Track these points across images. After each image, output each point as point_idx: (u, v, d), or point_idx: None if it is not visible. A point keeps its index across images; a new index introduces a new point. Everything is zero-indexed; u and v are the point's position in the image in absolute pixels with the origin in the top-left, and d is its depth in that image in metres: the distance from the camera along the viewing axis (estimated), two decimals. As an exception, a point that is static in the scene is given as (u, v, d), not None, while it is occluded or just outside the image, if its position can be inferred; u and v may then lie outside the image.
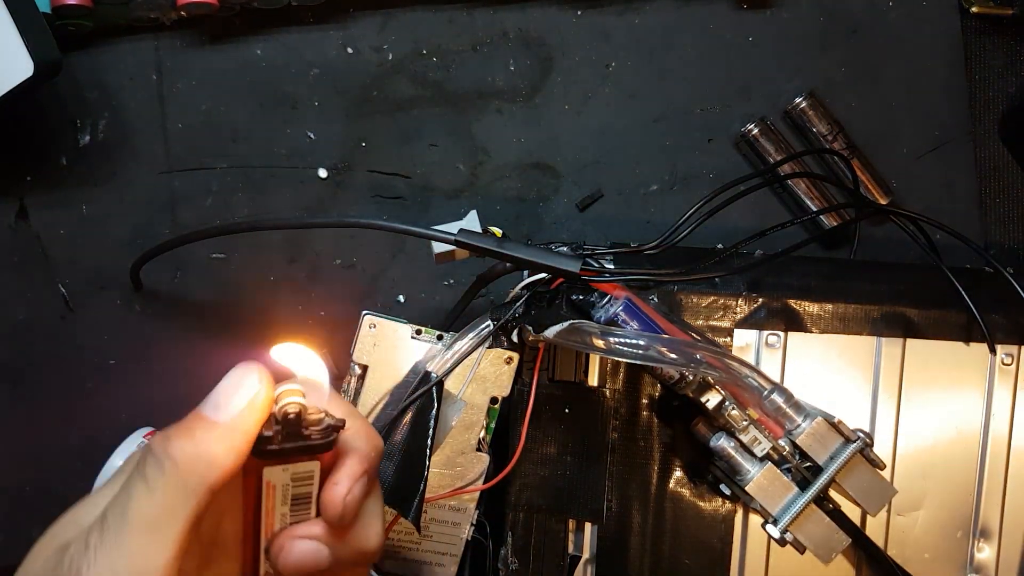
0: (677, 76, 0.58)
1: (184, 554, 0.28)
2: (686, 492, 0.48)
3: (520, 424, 0.46)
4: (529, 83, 0.58)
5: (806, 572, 0.47)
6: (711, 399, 0.43)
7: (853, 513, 0.45)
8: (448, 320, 0.51)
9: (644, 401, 0.48)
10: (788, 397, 0.41)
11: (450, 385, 0.47)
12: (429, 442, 0.44)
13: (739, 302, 0.48)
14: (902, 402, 0.48)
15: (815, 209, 0.57)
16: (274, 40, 0.57)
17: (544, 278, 0.45)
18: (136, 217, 0.56)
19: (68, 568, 0.29)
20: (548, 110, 0.58)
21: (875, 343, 0.48)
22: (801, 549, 0.42)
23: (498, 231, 0.45)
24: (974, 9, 0.58)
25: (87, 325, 0.56)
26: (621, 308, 0.43)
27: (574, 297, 0.45)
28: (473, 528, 0.48)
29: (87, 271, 0.56)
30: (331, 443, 0.31)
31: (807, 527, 0.42)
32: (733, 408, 0.43)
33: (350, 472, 0.32)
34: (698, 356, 0.40)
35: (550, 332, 0.42)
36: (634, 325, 0.43)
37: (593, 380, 0.47)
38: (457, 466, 0.47)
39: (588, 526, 0.48)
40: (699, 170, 0.58)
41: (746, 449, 0.43)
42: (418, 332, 0.47)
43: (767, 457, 0.42)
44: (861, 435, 0.42)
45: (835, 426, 0.42)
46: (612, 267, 0.46)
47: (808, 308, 0.48)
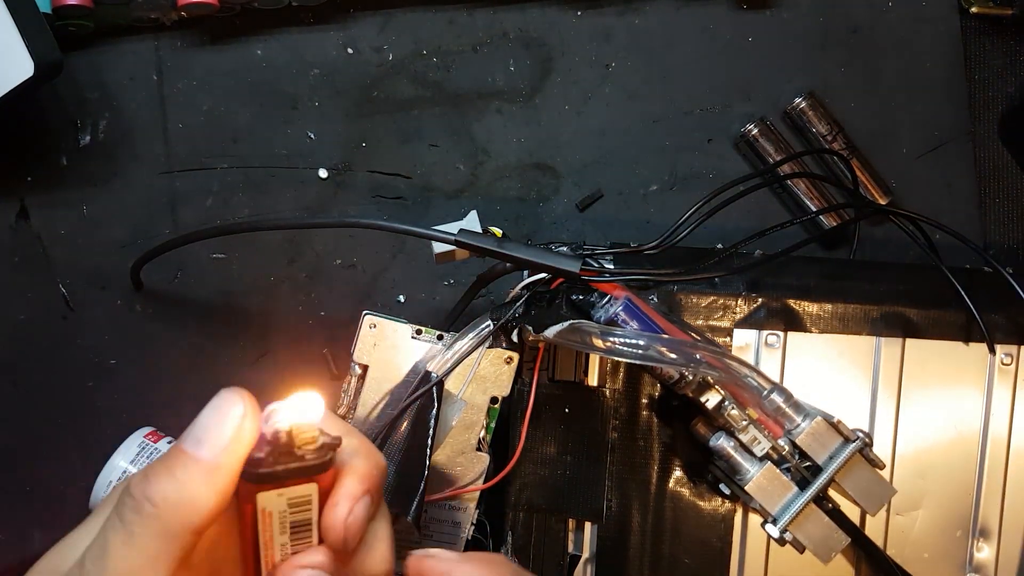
0: (677, 76, 0.58)
1: None
2: (686, 492, 0.48)
3: (520, 424, 0.46)
4: (529, 83, 0.58)
5: (805, 572, 0.47)
6: (711, 399, 0.43)
7: (852, 513, 0.45)
8: (448, 320, 0.51)
9: (644, 401, 0.48)
10: (787, 397, 0.41)
11: (450, 385, 0.47)
12: (429, 442, 0.44)
13: (739, 302, 0.48)
14: (901, 402, 0.48)
15: (815, 209, 0.57)
16: (274, 40, 0.57)
17: (544, 278, 0.45)
18: (136, 217, 0.56)
19: None
20: (548, 110, 0.58)
21: (875, 343, 0.48)
22: (800, 549, 0.42)
23: (498, 231, 0.45)
24: (974, 9, 0.58)
25: (87, 325, 0.56)
26: (621, 308, 0.43)
27: (574, 297, 0.45)
28: (473, 528, 0.48)
29: (87, 271, 0.56)
30: (327, 463, 0.29)
31: (806, 527, 0.42)
32: (733, 408, 0.43)
33: (350, 492, 0.30)
34: (698, 356, 0.40)
35: (550, 332, 0.42)
36: (634, 325, 0.43)
37: (593, 380, 0.47)
38: (457, 466, 0.47)
39: (588, 526, 0.48)
40: (699, 170, 0.58)
41: (746, 449, 0.43)
42: (418, 332, 0.47)
43: (767, 457, 0.42)
44: (860, 435, 0.42)
45: (834, 426, 0.42)
46: (612, 267, 0.46)
47: (808, 308, 0.48)
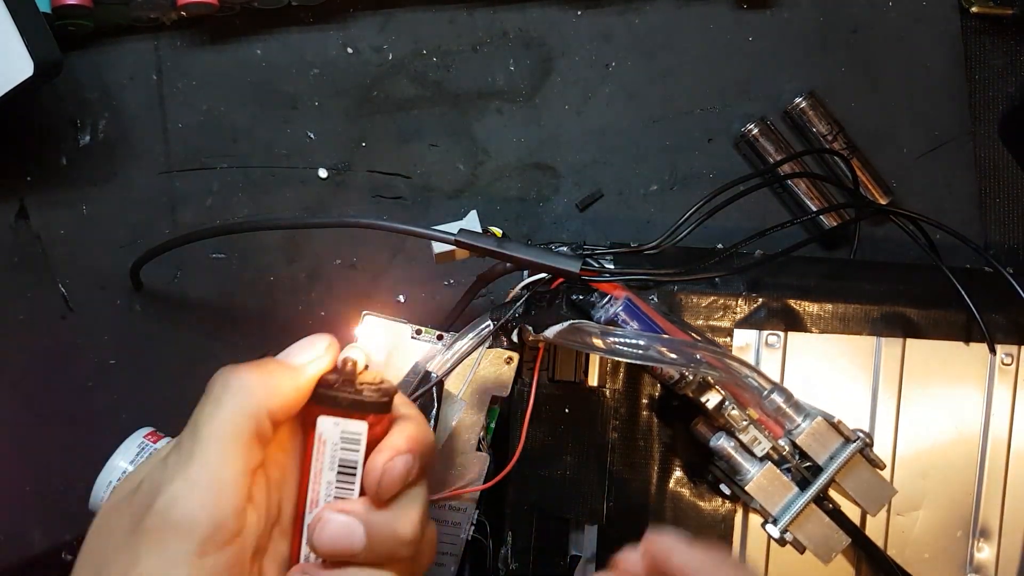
0: (677, 76, 0.58)
1: (253, 476, 0.31)
2: (686, 492, 0.48)
3: (520, 424, 0.46)
4: (529, 83, 0.58)
5: (806, 572, 0.47)
6: (711, 399, 0.43)
7: (853, 513, 0.45)
8: (448, 320, 0.51)
9: (644, 401, 0.48)
10: (788, 397, 0.41)
11: (450, 385, 0.47)
12: (429, 442, 0.44)
13: (739, 302, 0.48)
14: (902, 402, 0.48)
15: (815, 209, 0.57)
16: (274, 40, 0.57)
17: (544, 278, 0.45)
18: (136, 217, 0.56)
19: (147, 490, 0.31)
20: (548, 110, 0.58)
21: (875, 343, 0.48)
22: (801, 549, 0.42)
23: (498, 231, 0.45)
24: (974, 9, 0.58)
25: (87, 325, 0.56)
26: (621, 308, 0.43)
27: (574, 297, 0.45)
28: (473, 528, 0.48)
29: (87, 271, 0.56)
30: (381, 405, 0.33)
31: (807, 527, 0.42)
32: (733, 408, 0.43)
33: (394, 444, 0.33)
34: (698, 356, 0.40)
35: (550, 332, 0.42)
36: (634, 325, 0.43)
37: (593, 380, 0.47)
38: (457, 466, 0.47)
39: (588, 526, 0.48)
40: (699, 170, 0.58)
41: (746, 449, 0.43)
42: (418, 332, 0.47)
43: (767, 457, 0.42)
44: (861, 435, 0.42)
45: (835, 426, 0.42)
46: (612, 267, 0.46)
47: (808, 308, 0.48)
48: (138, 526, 0.30)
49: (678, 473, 0.48)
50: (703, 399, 0.43)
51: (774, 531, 0.42)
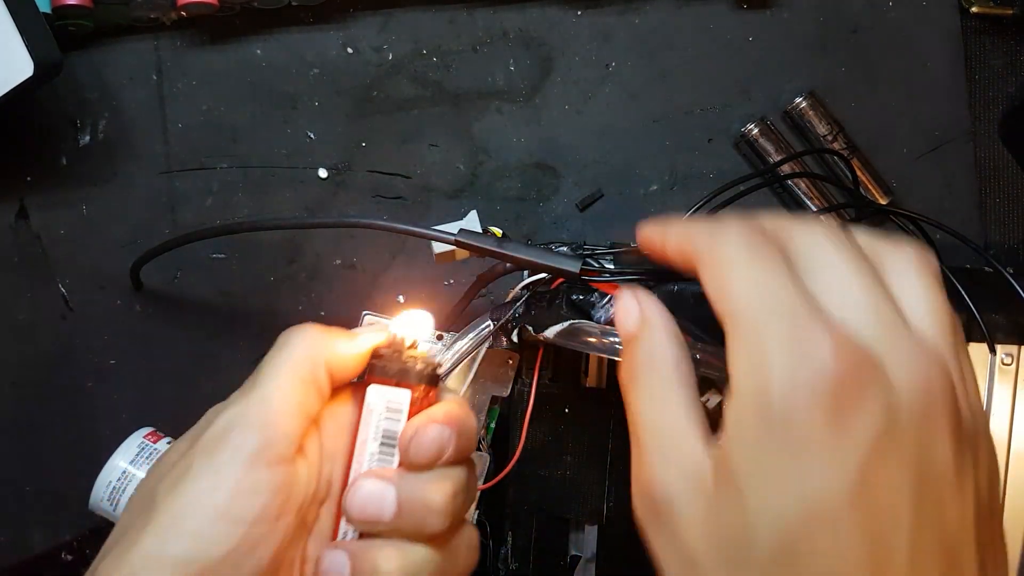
0: (677, 76, 0.58)
1: (308, 425, 0.34)
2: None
3: (520, 424, 0.46)
4: (529, 83, 0.58)
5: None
6: (711, 399, 0.43)
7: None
8: (448, 320, 0.51)
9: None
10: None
11: (450, 385, 0.47)
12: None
13: (739, 302, 0.47)
14: (902, 402, 0.48)
15: (815, 209, 0.57)
16: (274, 40, 0.57)
17: (544, 278, 0.45)
18: (136, 217, 0.56)
19: (206, 420, 0.33)
20: (548, 110, 0.58)
21: (875, 343, 0.48)
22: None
23: (498, 231, 0.45)
24: (974, 9, 0.58)
25: (87, 325, 0.56)
26: (621, 308, 0.42)
27: (574, 297, 0.45)
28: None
29: (87, 271, 0.56)
30: (426, 375, 0.35)
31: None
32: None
33: (431, 413, 0.35)
34: (697, 356, 0.40)
35: (550, 332, 0.42)
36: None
37: (593, 380, 0.47)
38: (457, 466, 0.47)
39: (588, 526, 0.48)
40: (699, 170, 0.58)
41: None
42: (418, 332, 0.47)
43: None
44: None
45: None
46: (612, 267, 0.46)
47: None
48: (194, 445, 0.32)
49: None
50: (703, 399, 0.43)
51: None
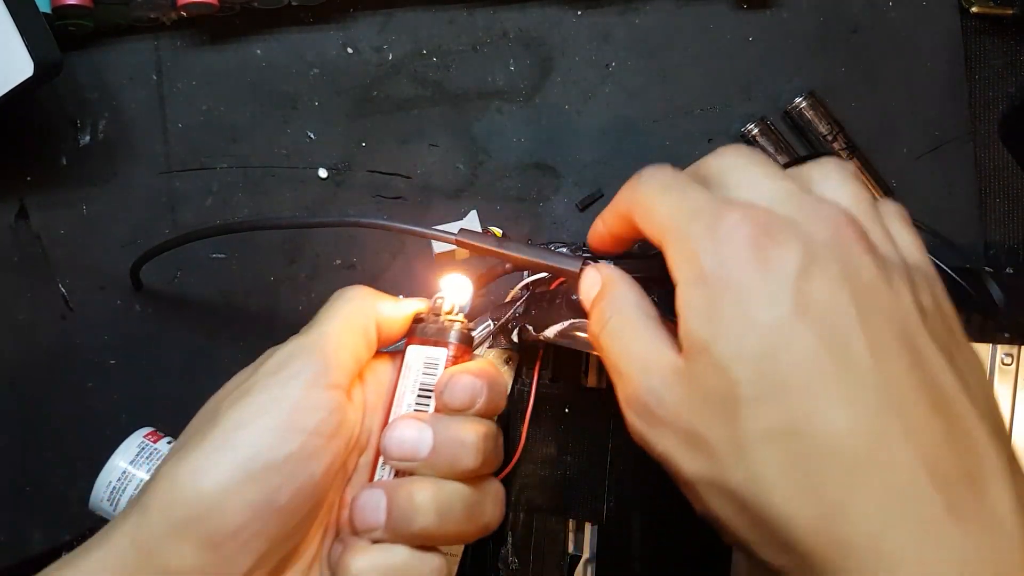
0: (677, 76, 0.58)
1: (357, 371, 0.37)
2: (686, 492, 0.48)
3: (520, 424, 0.46)
4: (529, 83, 0.58)
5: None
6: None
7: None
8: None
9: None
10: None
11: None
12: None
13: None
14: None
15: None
16: (274, 40, 0.57)
17: (544, 278, 0.45)
18: (136, 217, 0.56)
19: (274, 352, 0.36)
20: (548, 110, 0.58)
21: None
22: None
23: (498, 231, 0.45)
24: (974, 9, 0.58)
25: (87, 325, 0.56)
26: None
27: (574, 297, 0.45)
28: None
29: (87, 271, 0.56)
30: (462, 335, 0.38)
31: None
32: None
33: (465, 366, 0.38)
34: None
35: (550, 332, 0.42)
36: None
37: (593, 380, 0.47)
38: (457, 466, 0.47)
39: (588, 526, 0.48)
40: (699, 170, 0.58)
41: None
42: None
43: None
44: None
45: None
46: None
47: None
48: (256, 371, 0.35)
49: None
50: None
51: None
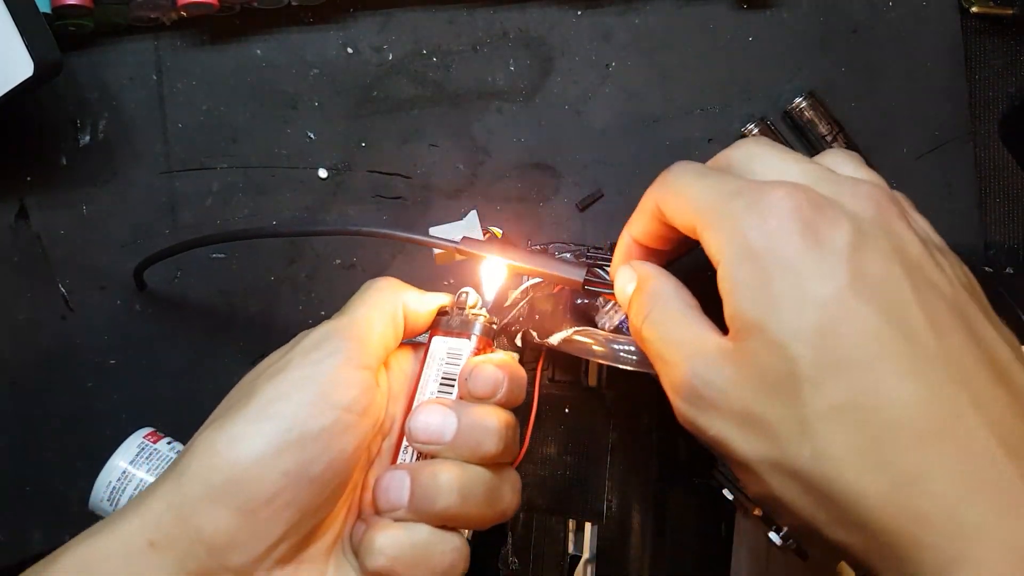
0: (677, 76, 0.58)
1: (385, 357, 0.38)
2: (686, 492, 0.48)
3: (525, 426, 0.46)
4: (529, 83, 0.58)
5: (807, 574, 0.47)
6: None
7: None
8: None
9: (644, 401, 0.48)
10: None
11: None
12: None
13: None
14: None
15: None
16: (274, 40, 0.57)
17: (543, 282, 0.45)
18: (136, 217, 0.56)
19: (309, 333, 0.37)
20: (548, 110, 0.58)
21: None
22: (804, 556, 0.42)
23: (498, 231, 0.45)
24: (974, 9, 0.58)
25: (87, 325, 0.56)
26: (626, 316, 0.43)
27: (578, 302, 0.45)
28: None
29: (87, 271, 0.56)
30: (485, 327, 0.40)
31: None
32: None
33: (488, 357, 0.39)
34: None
35: (554, 339, 0.42)
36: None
37: (593, 380, 0.48)
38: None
39: (588, 526, 0.48)
40: (699, 170, 0.58)
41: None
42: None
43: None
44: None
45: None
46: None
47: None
48: (291, 350, 0.36)
49: (678, 473, 0.48)
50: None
51: (776, 539, 0.42)
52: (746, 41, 0.58)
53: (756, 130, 0.57)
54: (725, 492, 0.45)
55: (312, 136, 0.57)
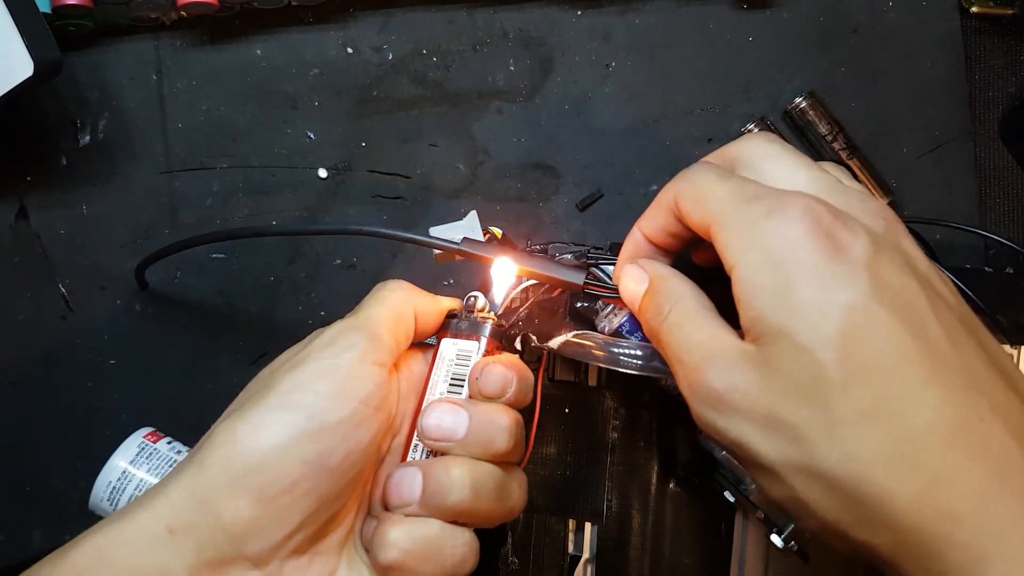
0: (677, 76, 0.58)
1: (397, 354, 0.38)
2: (686, 492, 0.48)
3: (529, 427, 0.46)
4: (529, 83, 0.58)
5: (807, 574, 0.47)
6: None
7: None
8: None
9: (645, 401, 0.48)
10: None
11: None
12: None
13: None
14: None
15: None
16: (274, 40, 0.56)
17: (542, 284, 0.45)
18: (136, 217, 0.56)
19: (324, 330, 0.38)
20: (548, 110, 0.58)
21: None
22: (805, 558, 0.42)
23: (498, 231, 0.45)
24: (974, 9, 0.58)
25: (87, 325, 0.56)
26: (626, 319, 0.43)
27: (578, 305, 0.45)
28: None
29: (87, 271, 0.56)
30: (494, 330, 0.40)
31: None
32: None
33: (497, 357, 0.39)
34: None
35: (554, 343, 0.42)
36: (639, 336, 0.43)
37: (593, 380, 0.47)
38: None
39: (588, 526, 0.48)
40: (699, 170, 0.58)
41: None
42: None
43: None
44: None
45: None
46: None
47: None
48: (308, 345, 0.37)
49: (679, 473, 0.48)
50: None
51: (778, 541, 0.41)
52: (746, 41, 0.58)
53: (756, 130, 0.57)
54: (727, 495, 0.45)
55: (312, 136, 0.57)
